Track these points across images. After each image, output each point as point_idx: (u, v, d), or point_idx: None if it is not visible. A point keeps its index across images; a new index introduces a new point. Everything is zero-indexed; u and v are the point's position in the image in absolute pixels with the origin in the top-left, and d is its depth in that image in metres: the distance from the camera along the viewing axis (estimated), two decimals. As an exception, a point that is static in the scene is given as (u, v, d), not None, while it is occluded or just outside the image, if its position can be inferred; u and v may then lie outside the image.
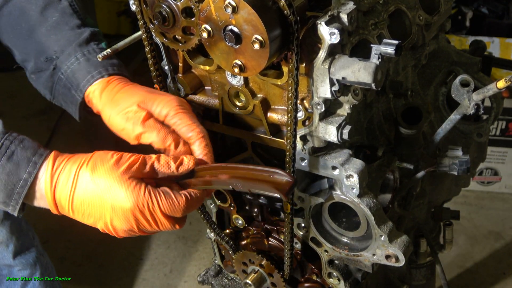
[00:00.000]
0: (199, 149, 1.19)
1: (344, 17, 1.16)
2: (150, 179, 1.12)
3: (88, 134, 3.72)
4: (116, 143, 1.36)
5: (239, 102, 1.35)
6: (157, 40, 1.31)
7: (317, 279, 1.57)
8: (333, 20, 1.15)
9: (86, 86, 1.32)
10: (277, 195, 1.12)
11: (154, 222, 1.12)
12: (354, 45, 1.24)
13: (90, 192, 1.10)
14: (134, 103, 1.22)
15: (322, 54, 1.16)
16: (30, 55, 1.40)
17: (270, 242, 1.59)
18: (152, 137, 1.18)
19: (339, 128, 1.24)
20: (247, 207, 1.61)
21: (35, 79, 1.42)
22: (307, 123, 1.28)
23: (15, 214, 1.15)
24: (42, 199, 1.14)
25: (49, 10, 1.40)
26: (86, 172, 1.09)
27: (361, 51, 1.21)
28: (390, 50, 1.11)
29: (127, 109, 1.21)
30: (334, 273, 1.49)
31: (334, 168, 1.28)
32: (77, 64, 1.35)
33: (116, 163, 1.09)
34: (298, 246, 1.52)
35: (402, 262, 1.33)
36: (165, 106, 1.21)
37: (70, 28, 1.38)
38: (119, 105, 1.23)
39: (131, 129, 1.20)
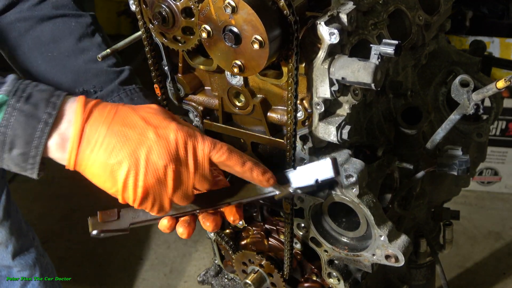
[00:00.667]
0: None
1: (343, 17, 1.16)
2: None
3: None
4: None
5: (239, 102, 1.35)
6: (157, 40, 1.32)
7: (317, 279, 1.57)
8: (332, 20, 1.15)
9: None
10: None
11: (194, 163, 1.04)
12: (353, 45, 1.24)
13: (132, 120, 1.03)
14: None
15: (321, 54, 1.16)
16: (62, 85, 1.35)
17: (270, 242, 1.59)
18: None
19: (339, 128, 1.24)
20: (247, 207, 1.61)
21: None
22: (306, 123, 1.28)
23: (35, 171, 1.07)
24: (62, 138, 1.04)
25: (85, 43, 1.38)
26: (126, 107, 1.04)
27: (360, 51, 1.21)
28: (390, 50, 1.11)
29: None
30: (334, 273, 1.49)
31: (334, 168, 1.28)
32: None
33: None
34: (298, 246, 1.52)
35: (402, 262, 1.33)
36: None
37: (109, 66, 1.36)
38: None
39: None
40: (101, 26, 1.47)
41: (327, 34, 1.13)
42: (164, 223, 1.17)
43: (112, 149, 1.02)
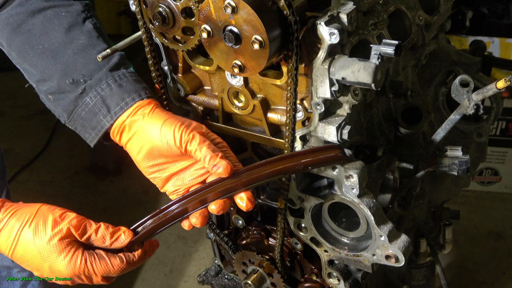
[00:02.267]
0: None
1: (343, 17, 1.16)
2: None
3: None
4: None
5: (239, 102, 1.35)
6: (157, 40, 1.31)
7: (317, 279, 1.57)
8: (332, 20, 1.15)
9: (118, 113, 1.31)
10: None
11: (90, 282, 1.23)
12: (353, 45, 1.24)
13: (30, 252, 1.19)
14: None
15: (321, 54, 1.16)
16: (52, 76, 1.36)
17: (270, 242, 1.59)
18: (206, 153, 1.19)
19: (339, 128, 1.24)
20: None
21: (52, 100, 1.38)
22: (306, 123, 1.28)
23: None
24: None
25: (74, 32, 1.38)
26: (28, 233, 1.18)
27: (361, 51, 1.21)
28: (390, 50, 1.11)
29: (186, 121, 1.24)
30: (334, 273, 1.49)
31: (334, 168, 1.28)
32: (108, 90, 1.33)
33: (56, 227, 1.19)
34: (298, 246, 1.52)
35: (402, 262, 1.33)
36: (215, 137, 1.28)
37: (98, 52, 1.35)
38: (174, 117, 1.25)
39: (182, 137, 1.22)
40: (95, 14, 1.45)
41: (327, 34, 1.13)
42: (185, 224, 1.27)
43: (22, 264, 1.23)
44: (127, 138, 1.29)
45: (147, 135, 1.25)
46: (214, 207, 1.21)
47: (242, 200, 1.21)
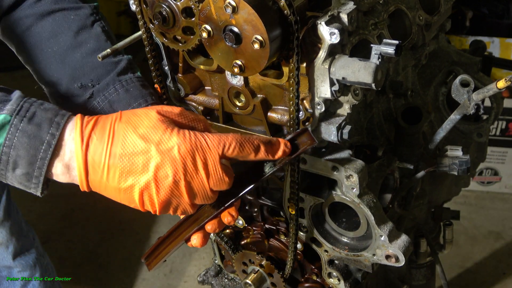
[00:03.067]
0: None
1: (344, 17, 1.16)
2: None
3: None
4: None
5: (239, 102, 1.35)
6: (157, 40, 1.31)
7: (317, 279, 1.57)
8: (333, 20, 1.15)
9: None
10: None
11: (206, 171, 1.04)
12: (354, 45, 1.24)
13: (130, 140, 1.02)
14: None
15: (322, 54, 1.16)
16: (61, 80, 1.36)
17: (270, 242, 1.59)
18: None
19: (339, 128, 1.24)
20: (247, 207, 1.61)
21: (62, 103, 1.37)
22: (307, 123, 1.28)
23: (39, 190, 1.06)
24: (67, 167, 1.05)
25: (83, 35, 1.37)
26: (121, 124, 1.04)
27: (361, 51, 1.21)
28: (390, 50, 1.12)
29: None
30: (334, 273, 1.49)
31: (334, 168, 1.28)
32: (116, 95, 1.33)
33: (153, 110, 1.05)
34: (299, 246, 1.52)
35: (402, 262, 1.33)
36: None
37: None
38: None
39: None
40: (104, 16, 1.45)
41: (328, 34, 1.13)
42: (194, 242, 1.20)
43: (120, 175, 1.03)
44: None
45: None
46: (209, 227, 1.18)
47: (224, 217, 1.17)
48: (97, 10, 1.42)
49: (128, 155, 1.02)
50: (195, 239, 1.19)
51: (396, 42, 1.12)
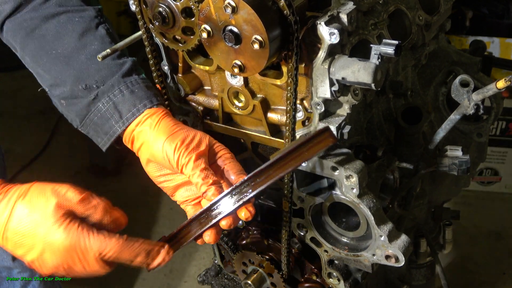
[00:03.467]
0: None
1: (343, 17, 1.16)
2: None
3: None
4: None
5: (239, 102, 1.35)
6: (157, 40, 1.31)
7: (317, 279, 1.57)
8: (333, 20, 1.15)
9: (130, 119, 1.32)
10: None
11: (84, 264, 1.17)
12: (354, 45, 1.24)
13: (24, 222, 1.14)
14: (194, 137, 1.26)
15: (321, 54, 1.16)
16: (65, 81, 1.37)
17: (270, 242, 1.59)
18: (198, 179, 1.21)
19: (339, 128, 1.24)
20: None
21: (66, 105, 1.40)
22: (307, 123, 1.28)
23: None
24: None
25: (88, 37, 1.38)
26: (22, 204, 1.16)
27: (361, 51, 1.21)
28: (390, 50, 1.11)
29: (187, 138, 1.25)
30: (334, 273, 1.49)
31: (334, 168, 1.28)
32: (120, 96, 1.34)
33: (53, 196, 1.18)
34: (298, 246, 1.52)
35: (402, 263, 1.33)
36: (221, 149, 1.28)
37: (111, 58, 1.37)
38: (177, 133, 1.26)
39: (181, 162, 1.23)
40: (107, 19, 1.45)
41: (327, 34, 1.13)
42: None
43: (13, 246, 1.17)
44: (137, 147, 1.31)
45: (152, 149, 1.26)
46: (224, 223, 1.20)
47: (241, 212, 1.20)
48: (101, 13, 1.43)
49: (19, 234, 1.14)
50: (208, 236, 1.22)
51: (395, 42, 1.12)
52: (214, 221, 1.19)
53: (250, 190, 1.17)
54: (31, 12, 1.38)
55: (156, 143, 1.25)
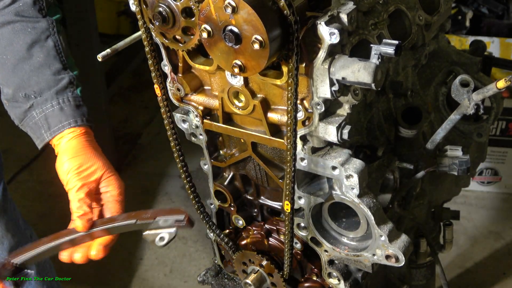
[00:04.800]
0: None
1: (344, 17, 1.16)
2: None
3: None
4: (115, 140, 1.39)
5: (239, 102, 1.35)
6: (157, 40, 1.31)
7: (317, 279, 1.57)
8: (333, 20, 1.15)
9: (55, 132, 1.51)
10: None
11: None
12: (354, 45, 1.24)
13: None
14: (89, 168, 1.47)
15: (322, 54, 1.16)
16: (9, 86, 1.54)
17: (270, 242, 1.59)
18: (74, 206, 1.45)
19: (339, 128, 1.24)
20: (247, 207, 1.61)
21: (8, 105, 1.57)
22: (307, 123, 1.28)
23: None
24: None
25: (35, 48, 1.53)
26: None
27: (361, 51, 1.21)
28: (390, 50, 1.11)
29: (83, 165, 1.47)
30: (334, 273, 1.49)
31: (334, 168, 1.28)
32: (51, 111, 1.51)
33: None
34: (298, 246, 1.52)
35: (402, 262, 1.33)
36: (114, 187, 1.51)
37: (52, 73, 1.53)
38: (77, 158, 1.47)
39: (68, 186, 1.46)
40: (61, 30, 1.59)
41: (327, 34, 1.13)
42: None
43: None
44: (56, 156, 1.51)
45: (57, 163, 1.48)
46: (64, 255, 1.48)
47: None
48: (54, 24, 1.56)
49: None
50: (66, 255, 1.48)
51: (395, 42, 1.12)
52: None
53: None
54: None
55: (60, 159, 1.47)
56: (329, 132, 1.25)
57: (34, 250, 1.41)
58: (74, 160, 1.46)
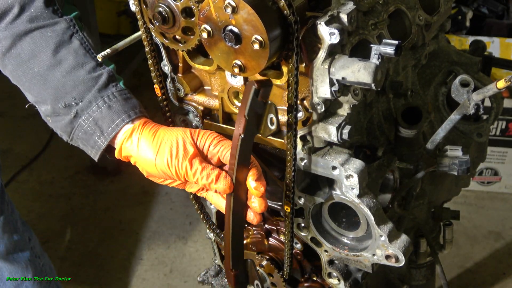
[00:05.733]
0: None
1: (344, 17, 1.16)
2: None
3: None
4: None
5: (239, 102, 1.35)
6: (157, 40, 1.31)
7: (317, 279, 1.57)
8: (333, 20, 1.15)
9: (111, 134, 1.34)
10: None
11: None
12: (354, 45, 1.24)
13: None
14: (178, 141, 1.29)
15: (322, 54, 1.16)
16: (46, 100, 1.38)
17: (270, 242, 1.59)
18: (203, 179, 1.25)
19: (339, 128, 1.24)
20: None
21: (51, 122, 1.42)
22: (307, 123, 1.28)
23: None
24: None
25: (62, 52, 1.38)
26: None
27: (361, 51, 1.21)
28: (390, 50, 1.11)
29: (173, 149, 1.28)
30: (334, 273, 1.49)
31: (334, 168, 1.28)
32: (99, 112, 1.35)
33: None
34: (298, 246, 1.52)
35: (402, 262, 1.33)
36: (206, 138, 1.29)
37: (87, 72, 1.37)
38: (163, 149, 1.29)
39: (180, 174, 1.27)
40: (81, 26, 1.45)
41: (327, 34, 1.13)
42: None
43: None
44: (133, 163, 1.36)
45: (146, 169, 1.31)
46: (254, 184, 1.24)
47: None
48: (73, 22, 1.42)
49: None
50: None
51: (395, 42, 1.12)
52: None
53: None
54: (2, 32, 1.36)
55: (147, 164, 1.30)
56: (329, 132, 1.25)
57: None
58: (161, 154, 1.28)
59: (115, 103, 1.35)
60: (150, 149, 1.29)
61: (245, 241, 1.63)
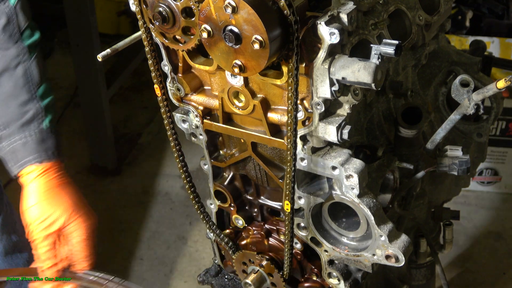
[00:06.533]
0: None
1: (344, 17, 1.16)
2: None
3: (88, 135, 3.73)
4: (115, 140, 1.39)
5: (239, 102, 1.35)
6: (157, 40, 1.32)
7: (317, 279, 1.57)
8: (333, 20, 1.15)
9: (19, 168, 1.52)
10: None
11: None
12: (354, 45, 1.24)
13: None
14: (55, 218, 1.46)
15: (322, 54, 1.16)
16: None
17: (270, 242, 1.59)
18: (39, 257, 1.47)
19: (339, 128, 1.24)
20: (247, 207, 1.61)
21: None
22: (307, 123, 1.28)
23: None
24: None
25: (4, 77, 1.49)
26: None
27: (361, 51, 1.21)
28: (390, 50, 1.12)
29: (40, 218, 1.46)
30: (334, 273, 1.49)
31: (334, 168, 1.28)
32: (16, 145, 1.51)
33: None
34: (298, 246, 1.52)
35: (402, 262, 1.33)
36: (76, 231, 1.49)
37: (17, 105, 1.50)
38: (37, 210, 1.47)
39: (31, 237, 1.47)
40: (35, 53, 1.53)
41: (328, 34, 1.13)
42: None
43: None
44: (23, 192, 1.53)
45: (21, 206, 1.50)
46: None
47: None
48: (25, 51, 1.50)
49: None
50: None
51: (396, 42, 1.12)
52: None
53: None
54: None
55: (22, 205, 1.48)
56: (329, 132, 1.25)
57: None
58: (35, 209, 1.46)
59: (30, 142, 1.51)
60: (32, 197, 1.48)
61: (245, 241, 1.63)
